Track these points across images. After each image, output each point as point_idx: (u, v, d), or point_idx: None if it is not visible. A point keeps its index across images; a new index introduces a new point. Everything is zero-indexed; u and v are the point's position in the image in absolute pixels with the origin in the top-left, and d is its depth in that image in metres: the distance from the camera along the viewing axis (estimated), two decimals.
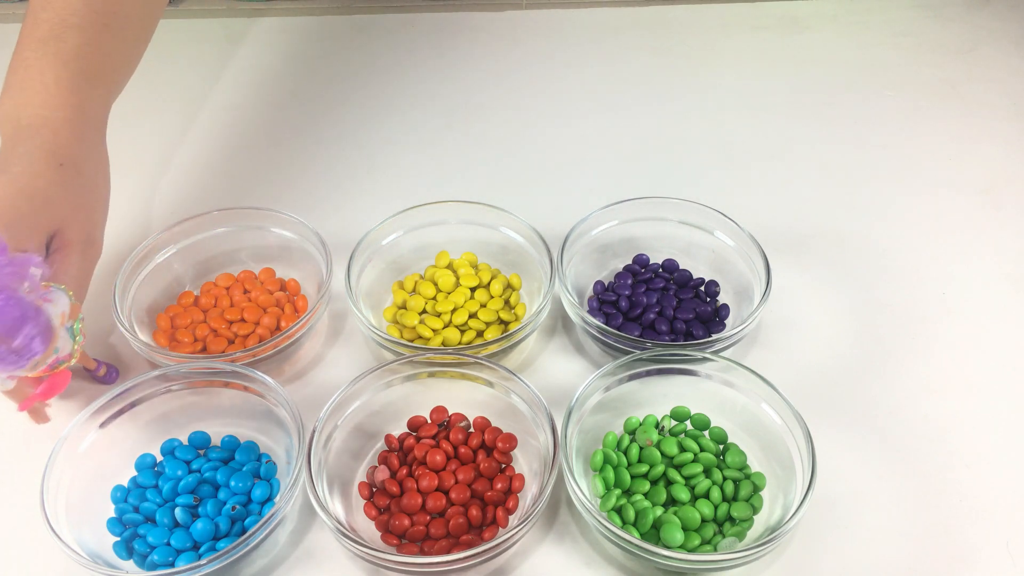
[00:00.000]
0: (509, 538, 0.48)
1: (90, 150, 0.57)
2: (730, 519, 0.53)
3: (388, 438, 0.57)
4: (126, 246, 0.67)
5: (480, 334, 0.63)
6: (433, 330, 0.62)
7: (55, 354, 0.49)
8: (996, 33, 0.99)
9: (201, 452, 0.57)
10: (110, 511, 0.53)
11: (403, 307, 0.65)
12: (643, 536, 0.51)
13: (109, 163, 0.60)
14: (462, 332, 0.62)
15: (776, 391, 0.54)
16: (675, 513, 0.52)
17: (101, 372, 0.61)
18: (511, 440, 0.56)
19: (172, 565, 0.49)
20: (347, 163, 0.82)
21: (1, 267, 0.45)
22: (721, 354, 0.57)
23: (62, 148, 0.54)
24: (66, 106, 0.55)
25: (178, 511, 0.52)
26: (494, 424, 0.57)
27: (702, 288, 0.66)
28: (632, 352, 0.57)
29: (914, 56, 0.95)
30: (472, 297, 0.64)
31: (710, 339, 0.59)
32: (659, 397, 0.58)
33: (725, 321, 0.64)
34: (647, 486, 0.53)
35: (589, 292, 0.67)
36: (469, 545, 0.50)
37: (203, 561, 0.47)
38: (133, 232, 0.69)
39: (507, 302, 0.65)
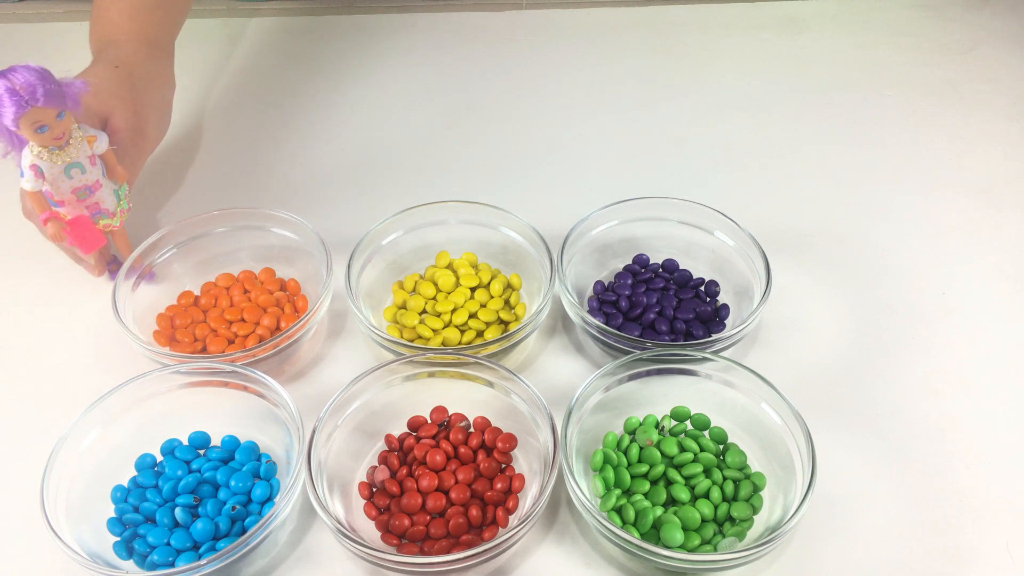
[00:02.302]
0: (509, 538, 0.48)
1: (147, 61, 0.70)
2: (730, 519, 0.53)
3: (388, 438, 0.57)
4: None
5: (480, 334, 0.63)
6: (433, 330, 0.62)
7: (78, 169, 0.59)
8: (996, 33, 0.99)
9: (201, 452, 0.57)
10: (110, 511, 0.53)
11: (403, 307, 0.65)
12: (643, 536, 0.51)
13: (171, 79, 0.73)
14: (462, 332, 0.62)
15: (776, 391, 0.54)
16: (675, 513, 0.52)
17: (114, 267, 0.68)
18: (511, 440, 0.56)
19: (172, 565, 0.49)
20: (347, 163, 0.82)
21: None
22: (721, 354, 0.57)
23: (121, 57, 0.68)
24: (127, 30, 0.69)
25: (178, 511, 0.52)
26: (494, 424, 0.57)
27: (702, 288, 0.66)
28: (632, 352, 0.57)
29: (914, 56, 0.95)
30: (472, 297, 0.64)
31: (710, 339, 0.59)
32: (659, 397, 0.58)
33: (725, 321, 0.64)
34: (647, 486, 0.53)
35: (589, 292, 0.67)
36: (469, 545, 0.50)
37: (203, 561, 0.47)
38: (133, 232, 0.69)
39: (507, 302, 0.65)
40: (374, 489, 0.55)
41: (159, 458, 0.56)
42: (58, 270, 0.71)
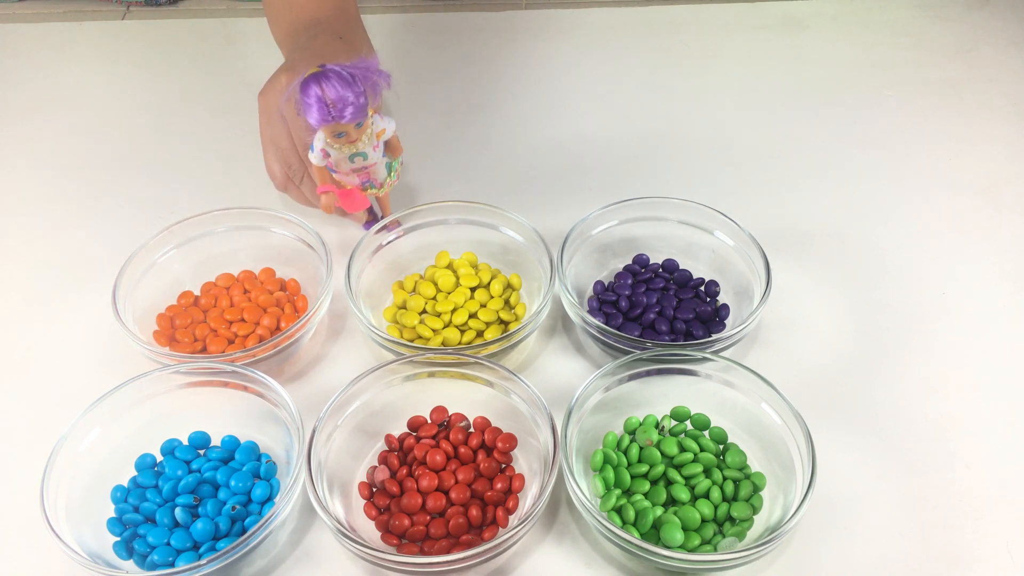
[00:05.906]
0: (509, 538, 0.48)
1: (356, 31, 0.74)
2: (730, 519, 0.53)
3: (388, 438, 0.57)
4: (126, 246, 0.67)
5: (480, 334, 0.63)
6: (433, 330, 0.62)
7: (363, 160, 0.62)
8: (996, 33, 0.99)
9: (201, 452, 0.57)
10: (110, 511, 0.53)
11: (403, 307, 0.65)
12: (643, 536, 0.51)
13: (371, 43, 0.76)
14: (462, 332, 0.62)
15: (776, 391, 0.54)
16: (675, 513, 0.52)
17: (369, 218, 0.70)
18: (511, 440, 0.56)
19: (172, 565, 0.50)
20: None
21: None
22: (721, 354, 0.57)
23: (337, 30, 0.72)
24: (330, 8, 0.74)
25: (178, 511, 0.52)
26: (494, 424, 0.58)
27: (702, 288, 0.66)
28: (632, 352, 0.57)
29: (914, 56, 0.95)
30: (472, 297, 0.64)
31: (710, 339, 0.59)
32: (659, 397, 0.58)
33: (725, 321, 0.64)
34: (647, 486, 0.53)
35: (589, 292, 0.67)
36: (469, 545, 0.50)
37: (203, 561, 0.47)
38: (133, 232, 0.69)
39: (507, 302, 0.65)
40: (374, 489, 0.55)
41: (159, 458, 0.56)
42: (58, 270, 0.71)
